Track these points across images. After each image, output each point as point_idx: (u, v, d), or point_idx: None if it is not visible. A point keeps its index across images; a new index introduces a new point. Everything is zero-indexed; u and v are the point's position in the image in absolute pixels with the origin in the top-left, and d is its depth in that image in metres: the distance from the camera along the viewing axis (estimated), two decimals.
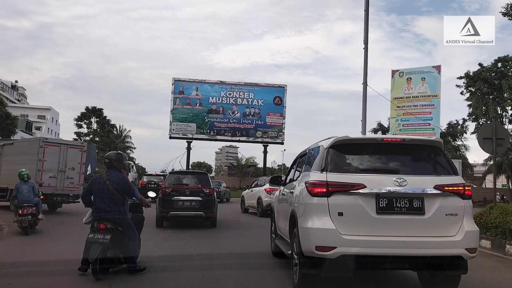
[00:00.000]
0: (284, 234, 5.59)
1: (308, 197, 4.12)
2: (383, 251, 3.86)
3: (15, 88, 75.76)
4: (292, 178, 5.75)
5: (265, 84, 30.74)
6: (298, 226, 4.20)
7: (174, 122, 28.63)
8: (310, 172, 4.47)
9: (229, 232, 9.58)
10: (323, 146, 4.42)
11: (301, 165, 5.39)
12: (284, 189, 5.93)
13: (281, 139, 29.46)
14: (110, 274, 4.76)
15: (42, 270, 4.96)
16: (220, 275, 5.09)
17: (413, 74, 28.02)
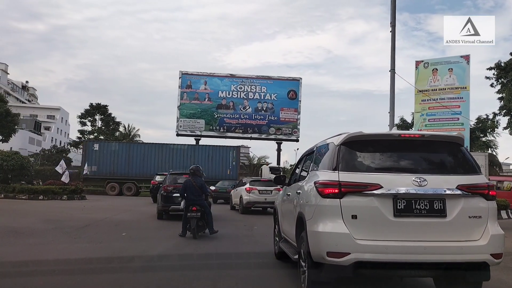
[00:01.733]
0: (289, 237, 5.55)
1: (318, 198, 4.06)
2: (401, 258, 3.78)
3: (25, 89, 78.83)
4: (297, 178, 5.68)
5: (278, 77, 30.62)
6: (306, 229, 4.15)
7: (182, 118, 28.77)
8: (320, 171, 4.41)
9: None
10: (334, 143, 4.35)
11: (308, 164, 5.31)
12: (289, 189, 5.89)
13: (295, 136, 29.33)
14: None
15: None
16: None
17: (439, 64, 27.48)
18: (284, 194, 6.31)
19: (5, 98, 35.67)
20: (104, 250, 7.14)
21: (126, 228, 9.97)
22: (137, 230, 9.75)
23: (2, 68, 69.56)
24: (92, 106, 44.61)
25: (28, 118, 61.66)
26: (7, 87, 70.31)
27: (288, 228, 5.56)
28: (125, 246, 7.59)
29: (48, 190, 19.63)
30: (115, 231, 9.37)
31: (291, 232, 5.23)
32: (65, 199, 19.61)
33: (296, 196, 5.07)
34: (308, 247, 4.10)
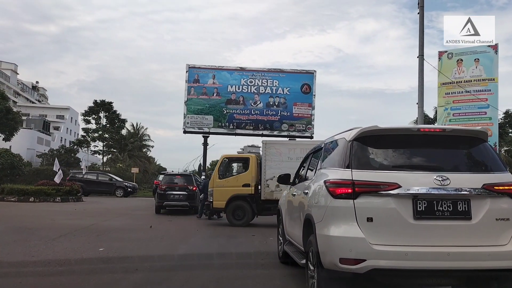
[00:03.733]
0: (295, 240, 5.49)
1: (328, 199, 3.96)
2: (422, 265, 3.65)
3: (35, 89, 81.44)
4: (303, 177, 5.63)
5: (291, 70, 30.35)
6: (316, 233, 4.06)
7: (189, 115, 28.74)
8: (330, 170, 4.30)
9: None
10: (345, 139, 4.24)
11: (315, 162, 5.26)
12: (294, 189, 5.81)
13: (310, 133, 29.04)
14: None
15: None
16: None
17: (465, 54, 26.86)
18: (288, 194, 6.27)
19: (6, 95, 36.17)
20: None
21: (109, 239, 8.88)
22: (122, 243, 8.54)
23: (11, 68, 72.46)
24: (96, 103, 44.87)
25: (37, 118, 63.72)
26: (17, 87, 72.88)
27: (294, 231, 5.53)
28: (94, 268, 6.16)
29: (40, 192, 19.31)
30: (93, 244, 8.08)
31: (297, 234, 5.18)
32: (58, 201, 19.48)
33: (303, 197, 4.99)
34: (317, 252, 4.01)
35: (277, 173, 11.78)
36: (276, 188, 12.03)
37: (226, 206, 12.35)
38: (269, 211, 12.21)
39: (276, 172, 11.84)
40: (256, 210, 12.28)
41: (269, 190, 12.18)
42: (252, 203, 12.27)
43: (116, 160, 53.76)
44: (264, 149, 12.53)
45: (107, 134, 45.61)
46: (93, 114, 45.32)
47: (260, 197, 12.28)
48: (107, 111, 45.19)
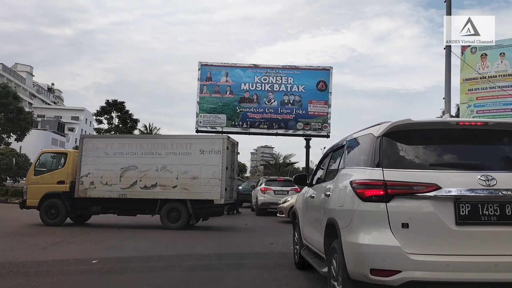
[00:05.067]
0: (314, 246, 5.14)
1: (356, 201, 3.57)
2: (466, 277, 3.24)
3: (51, 91, 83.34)
4: (322, 177, 5.28)
5: (306, 66, 29.89)
6: (341, 240, 3.67)
7: (201, 114, 28.55)
8: (356, 169, 3.92)
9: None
10: (373, 135, 3.85)
11: (336, 161, 4.87)
12: (312, 191, 5.50)
13: (326, 132, 28.57)
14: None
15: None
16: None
17: (489, 49, 26.09)
18: (306, 196, 5.93)
19: (18, 95, 36.53)
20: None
21: (107, 247, 7.93)
22: (121, 251, 7.62)
23: (27, 71, 74.13)
24: (108, 103, 45.06)
25: (52, 119, 65.17)
26: (33, 89, 74.61)
27: (313, 236, 5.19)
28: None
29: None
30: (88, 253, 7.17)
31: (317, 240, 4.85)
32: None
33: (323, 199, 4.64)
34: (343, 262, 3.64)
35: (92, 170, 11.53)
36: (91, 186, 11.50)
37: (39, 205, 11.63)
38: (84, 209, 11.81)
39: (91, 169, 11.56)
40: (69, 208, 11.64)
41: (83, 188, 11.55)
42: (66, 201, 11.63)
43: None
44: (81, 144, 11.98)
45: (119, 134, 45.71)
46: (105, 114, 45.43)
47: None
48: (119, 111, 45.26)
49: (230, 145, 11.87)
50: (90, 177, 11.47)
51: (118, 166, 11.34)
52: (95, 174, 11.46)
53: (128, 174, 11.28)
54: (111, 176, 11.36)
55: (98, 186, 11.41)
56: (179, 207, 11.17)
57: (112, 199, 11.43)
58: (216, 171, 10.94)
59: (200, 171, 11.01)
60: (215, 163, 10.96)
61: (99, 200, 11.51)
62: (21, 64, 76.02)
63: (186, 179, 11.05)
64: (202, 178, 10.99)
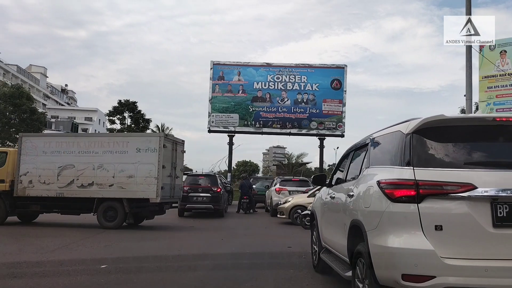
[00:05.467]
0: (335, 248, 4.95)
1: (384, 202, 3.38)
2: (506, 283, 3.03)
3: (64, 92, 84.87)
4: (343, 177, 5.09)
5: (320, 64, 29.64)
6: (368, 243, 3.51)
7: (214, 113, 28.47)
8: (383, 168, 3.73)
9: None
10: (402, 132, 3.65)
11: (359, 160, 4.66)
12: (332, 191, 5.34)
13: (340, 131, 28.28)
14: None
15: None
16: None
17: (509, 45, 25.56)
18: (325, 196, 5.75)
19: (31, 96, 36.95)
20: None
21: (118, 250, 7.80)
22: (131, 252, 7.39)
23: (41, 72, 75.49)
24: (121, 103, 45.33)
25: (66, 120, 66.02)
26: (47, 90, 75.95)
27: (334, 238, 4.99)
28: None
29: None
30: (98, 256, 6.99)
31: (338, 243, 4.67)
32: None
33: (346, 200, 4.45)
34: (371, 266, 3.44)
35: (31, 168, 11.44)
36: (29, 185, 11.36)
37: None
38: (24, 209, 11.65)
39: (30, 167, 11.44)
40: (9, 208, 11.46)
41: (22, 187, 11.42)
42: (6, 200, 11.48)
43: None
44: (19, 143, 11.78)
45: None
46: (118, 114, 45.70)
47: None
48: (132, 111, 45.48)
49: (171, 143, 11.83)
50: (28, 176, 11.43)
51: (56, 165, 11.33)
52: (34, 173, 11.44)
53: (65, 173, 11.26)
54: (49, 175, 11.34)
55: (37, 185, 11.38)
56: (116, 206, 11.06)
57: (50, 198, 11.36)
58: (153, 170, 10.83)
59: (136, 170, 10.91)
60: (151, 161, 10.88)
61: (38, 199, 11.48)
62: (35, 66, 77.20)
63: (122, 177, 10.95)
64: (138, 177, 10.89)
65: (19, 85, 37.52)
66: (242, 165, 58.49)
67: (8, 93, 32.25)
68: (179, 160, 12.28)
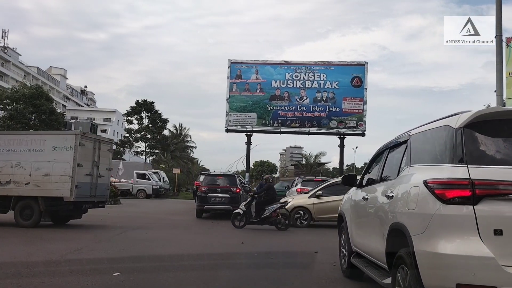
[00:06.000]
0: (370, 253, 4.65)
1: (434, 204, 3.05)
2: None
3: (84, 93, 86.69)
4: (377, 177, 4.81)
5: (339, 62, 29.15)
6: (414, 248, 3.20)
7: (231, 112, 28.21)
8: (429, 166, 3.42)
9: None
10: (451, 126, 3.31)
11: (396, 158, 4.35)
12: (364, 192, 5.08)
13: (361, 130, 27.70)
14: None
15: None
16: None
17: None
18: (355, 198, 5.47)
19: (50, 96, 37.38)
20: None
21: (130, 259, 6.97)
22: (145, 264, 6.61)
23: (61, 73, 77.10)
24: (138, 103, 45.67)
25: (85, 120, 67.08)
26: (66, 91, 77.50)
27: (368, 242, 4.68)
28: None
29: None
30: (108, 265, 6.37)
31: (374, 247, 4.37)
32: None
33: (384, 201, 4.13)
34: (417, 274, 3.12)
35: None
36: None
37: None
38: None
39: None
40: None
41: None
42: None
43: (159, 161, 54.62)
44: None
45: (149, 134, 46.23)
46: (135, 114, 46.06)
47: None
48: (149, 111, 45.75)
49: (92, 142, 11.68)
50: None
51: None
52: None
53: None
54: None
55: None
56: (32, 205, 11.00)
57: None
58: (67, 168, 10.78)
59: (52, 168, 10.86)
60: (67, 159, 10.80)
61: None
62: (55, 67, 78.70)
63: (38, 175, 10.93)
64: (54, 175, 10.84)
65: (38, 86, 38.01)
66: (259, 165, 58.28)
67: (28, 93, 32.64)
68: (103, 159, 12.12)
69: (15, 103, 32.93)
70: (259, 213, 11.81)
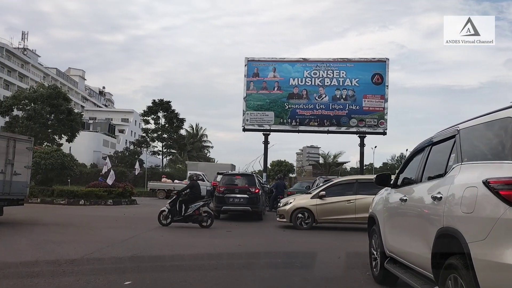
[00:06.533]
0: (409, 259, 4.30)
1: (498, 206, 2.68)
2: None
3: (102, 94, 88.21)
4: (417, 177, 4.42)
5: (359, 58, 28.41)
6: (472, 257, 2.80)
7: (248, 111, 27.76)
8: (488, 164, 3.04)
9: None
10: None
11: (440, 155, 4.03)
12: (400, 193, 4.70)
13: (382, 128, 26.93)
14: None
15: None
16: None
17: None
18: (390, 199, 5.09)
19: (68, 96, 37.57)
20: None
21: (142, 268, 6.34)
22: (159, 273, 5.99)
23: (79, 75, 78.38)
24: (155, 102, 45.52)
25: (103, 121, 67.96)
26: (85, 92, 78.72)
27: (408, 247, 4.29)
28: None
29: (91, 194, 18.66)
30: (117, 275, 5.68)
31: (415, 253, 4.04)
32: (110, 204, 18.77)
33: (429, 203, 3.67)
34: (476, 286, 2.65)
35: None
36: None
37: None
38: None
39: None
40: None
41: None
42: None
43: (176, 161, 54.57)
44: None
45: (165, 134, 46.15)
46: (152, 114, 45.99)
47: None
48: (166, 111, 45.63)
49: (5, 140, 11.54)
50: None
51: None
52: None
53: None
54: None
55: None
56: None
57: None
58: None
59: None
60: None
61: None
62: (73, 69, 79.91)
63: None
64: None
65: (55, 86, 38.25)
66: (277, 165, 57.69)
67: (46, 93, 32.82)
68: (20, 156, 11.95)
69: (33, 103, 33.14)
70: (182, 211, 11.64)
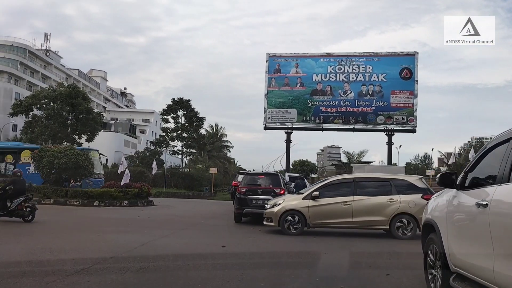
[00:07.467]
0: (487, 278, 3.53)
1: None
2: None
3: (123, 95, 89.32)
4: (500, 176, 3.67)
5: (387, 52, 27.00)
6: None
7: (269, 109, 26.72)
8: None
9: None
10: None
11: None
12: (470, 196, 3.97)
13: (411, 126, 25.50)
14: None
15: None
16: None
17: None
18: (458, 202, 4.29)
19: (87, 96, 37.23)
20: None
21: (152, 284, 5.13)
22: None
23: (101, 76, 79.28)
24: (175, 101, 44.77)
25: (124, 121, 68.45)
26: (107, 93, 79.62)
27: (486, 263, 3.50)
28: None
29: (105, 194, 17.94)
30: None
31: (500, 271, 3.33)
32: (126, 205, 17.94)
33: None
34: None
35: None
36: None
37: None
38: None
39: None
40: None
41: None
42: None
43: (196, 161, 53.87)
44: None
45: (185, 133, 45.47)
46: (172, 113, 45.36)
47: None
48: (185, 109, 44.92)
49: None
50: None
51: None
52: None
53: None
54: None
55: None
56: None
57: None
58: None
59: None
60: None
61: None
62: (95, 70, 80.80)
63: None
64: None
65: (75, 85, 37.99)
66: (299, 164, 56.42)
67: (65, 92, 32.52)
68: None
69: (52, 102, 32.89)
70: (6, 206, 11.76)
